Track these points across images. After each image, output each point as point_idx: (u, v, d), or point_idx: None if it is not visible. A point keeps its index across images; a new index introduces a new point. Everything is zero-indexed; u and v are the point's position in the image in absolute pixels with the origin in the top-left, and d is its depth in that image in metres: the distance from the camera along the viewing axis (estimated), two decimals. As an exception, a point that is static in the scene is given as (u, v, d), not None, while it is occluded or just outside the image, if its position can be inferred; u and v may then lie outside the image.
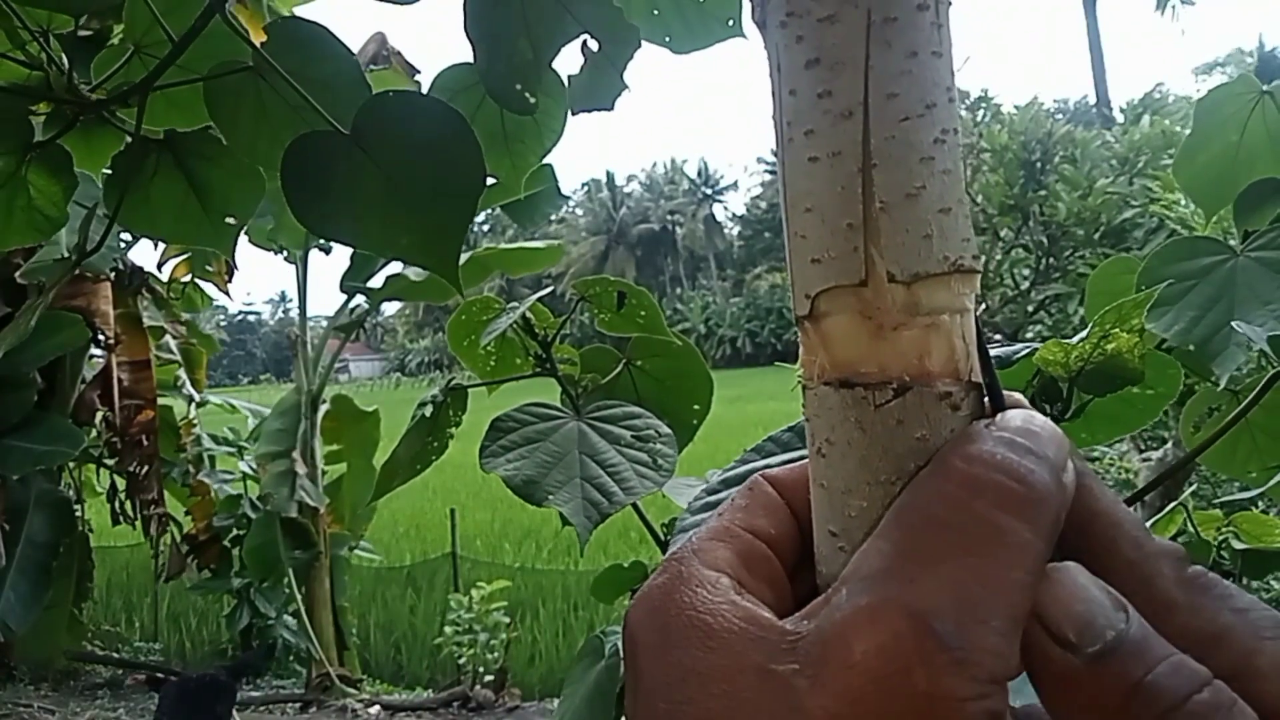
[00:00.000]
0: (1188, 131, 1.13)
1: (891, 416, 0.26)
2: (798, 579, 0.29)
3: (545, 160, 1.14)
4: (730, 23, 1.05)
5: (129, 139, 0.98)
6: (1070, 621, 0.24)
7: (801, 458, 0.28)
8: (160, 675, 4.07)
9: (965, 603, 0.23)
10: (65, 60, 0.98)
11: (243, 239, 1.09)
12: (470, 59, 0.99)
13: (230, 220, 1.02)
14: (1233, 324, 0.83)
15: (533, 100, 1.00)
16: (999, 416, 0.27)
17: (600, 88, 1.07)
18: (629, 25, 1.02)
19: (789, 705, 0.23)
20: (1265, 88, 1.05)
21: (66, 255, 2.64)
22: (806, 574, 0.29)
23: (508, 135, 1.10)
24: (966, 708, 0.22)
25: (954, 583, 0.23)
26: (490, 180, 0.94)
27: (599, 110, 1.09)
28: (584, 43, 1.03)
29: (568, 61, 1.04)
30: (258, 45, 0.88)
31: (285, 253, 4.91)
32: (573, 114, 1.09)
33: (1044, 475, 0.25)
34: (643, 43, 1.04)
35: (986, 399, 0.28)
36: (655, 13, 1.04)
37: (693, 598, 0.26)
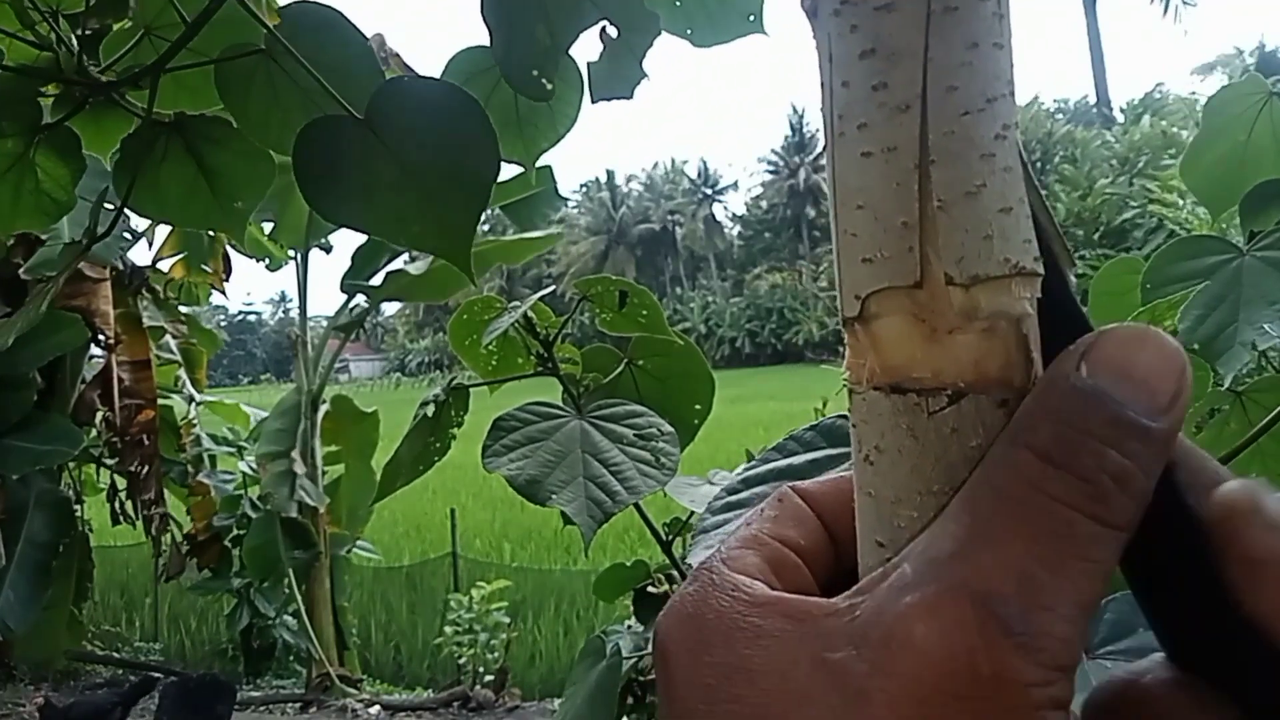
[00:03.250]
0: (1188, 132, 1.13)
1: (946, 424, 0.25)
2: (830, 587, 0.28)
3: (551, 153, 1.14)
4: (751, 18, 1.04)
5: (138, 121, 0.97)
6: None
7: (825, 458, 0.28)
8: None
9: (1030, 588, 0.22)
10: (75, 41, 0.97)
11: (235, 245, 1.09)
12: (483, 42, 0.98)
13: (239, 205, 1.01)
14: (1265, 326, 0.82)
15: (549, 87, 0.99)
16: (1095, 344, 0.24)
17: (619, 76, 1.06)
18: (649, 12, 1.01)
19: (848, 690, 0.23)
20: (1274, 89, 1.04)
21: (74, 241, 2.63)
22: (838, 588, 0.28)
23: (521, 119, 1.09)
24: (1032, 693, 0.22)
25: (1019, 567, 0.23)
26: (502, 171, 0.93)
27: (618, 98, 1.08)
28: (603, 29, 1.03)
29: (586, 49, 1.04)
30: (270, 28, 0.88)
31: (269, 260, 4.90)
32: (592, 102, 1.08)
33: (1119, 459, 0.23)
34: (663, 34, 1.03)
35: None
36: (678, 4, 1.03)
37: (731, 602, 0.26)
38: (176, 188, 1.00)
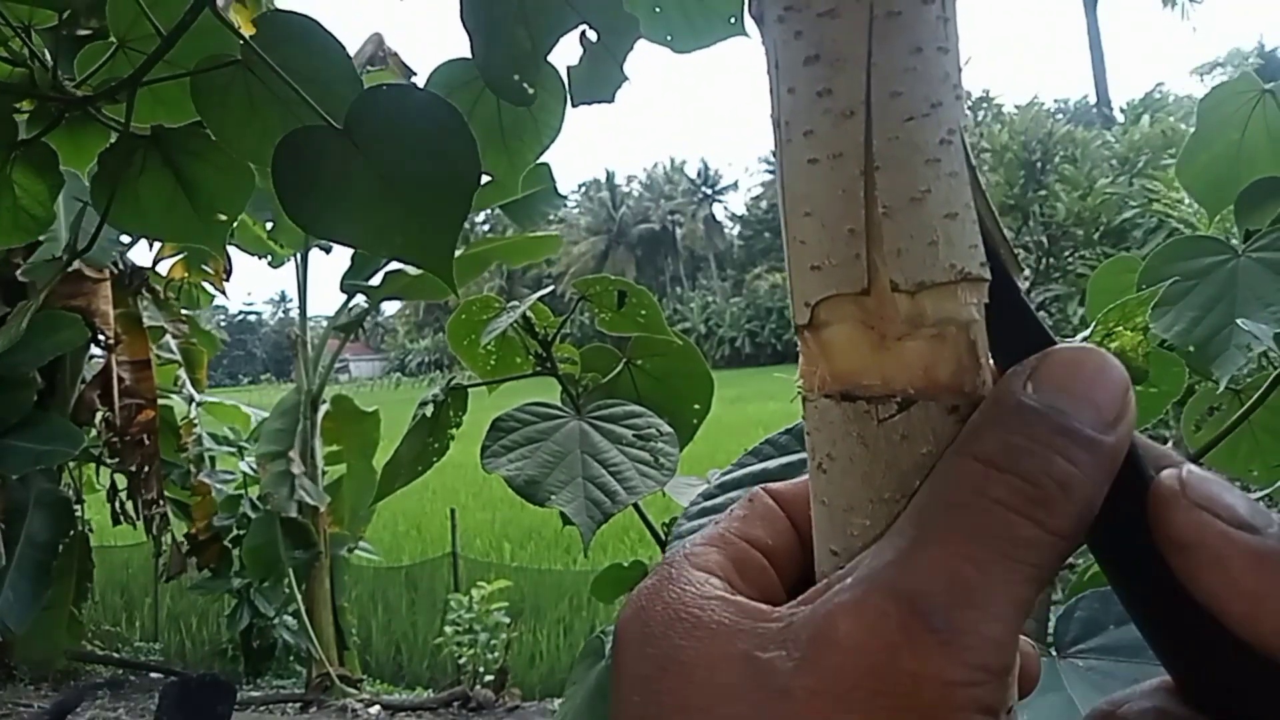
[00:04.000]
0: (1189, 131, 1.13)
1: (896, 431, 0.25)
2: (797, 588, 0.28)
3: (544, 157, 1.13)
4: (733, 20, 1.04)
5: (116, 136, 0.96)
6: (1240, 508, 0.23)
7: (800, 461, 0.27)
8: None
9: (959, 587, 0.22)
10: (49, 56, 0.96)
11: (237, 243, 1.09)
12: (468, 55, 0.98)
13: (221, 217, 1.01)
14: (1238, 322, 0.82)
15: (531, 91, 0.99)
16: (1040, 365, 0.25)
17: (600, 79, 1.06)
18: (628, 15, 1.00)
19: (772, 688, 0.23)
20: (1266, 86, 1.04)
21: (57, 258, 2.63)
22: (805, 589, 0.28)
23: (505, 132, 1.09)
24: (954, 693, 0.21)
25: (949, 567, 0.22)
26: (485, 178, 0.92)
27: (599, 102, 1.08)
28: (583, 33, 1.02)
29: (566, 54, 1.04)
30: (247, 38, 0.87)
31: (271, 257, 4.90)
32: (573, 106, 1.08)
33: (1065, 466, 0.23)
34: (643, 41, 1.03)
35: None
36: (657, 10, 1.03)
37: (680, 594, 0.26)
38: (156, 201, 0.99)
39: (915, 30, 0.25)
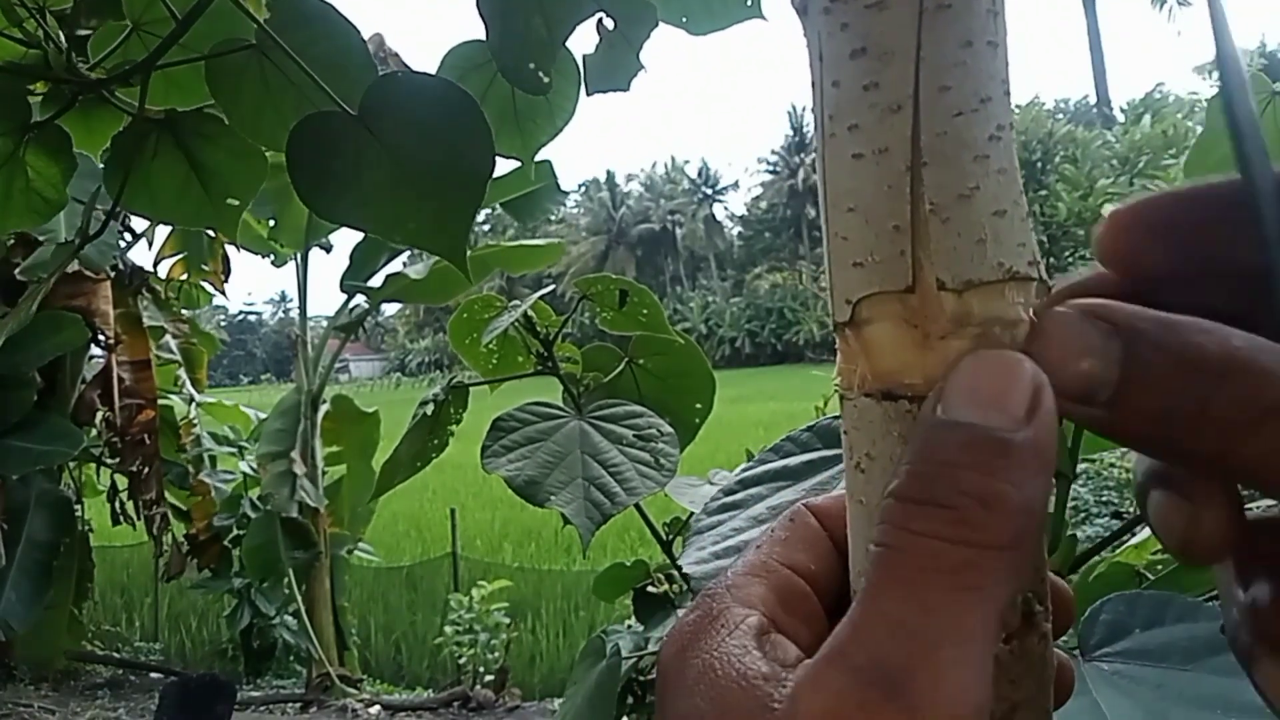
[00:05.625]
0: (1188, 131, 1.12)
1: None
2: (838, 613, 0.28)
3: (550, 152, 1.13)
4: (750, 3, 1.03)
5: (129, 119, 0.96)
6: (1075, 381, 0.23)
7: (820, 459, 0.27)
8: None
9: (907, 638, 0.21)
10: (63, 38, 0.96)
11: (239, 243, 1.09)
12: (481, 36, 0.97)
13: (233, 202, 1.01)
14: None
15: (546, 80, 0.98)
16: (947, 380, 0.24)
17: (616, 68, 1.06)
18: (645, 3, 1.00)
19: None
20: (1277, 87, 1.04)
21: (68, 242, 2.63)
22: (847, 608, 0.28)
23: (519, 114, 1.08)
24: None
25: (894, 621, 0.22)
26: (501, 166, 0.92)
27: (615, 91, 1.08)
28: (599, 21, 1.02)
29: (583, 41, 1.03)
30: (261, 22, 0.87)
31: (273, 257, 4.90)
32: (588, 95, 1.08)
33: (977, 479, 0.22)
34: (660, 27, 1.02)
35: None
36: None
37: (713, 641, 0.25)
38: (169, 185, 0.99)
39: (965, 23, 0.24)
